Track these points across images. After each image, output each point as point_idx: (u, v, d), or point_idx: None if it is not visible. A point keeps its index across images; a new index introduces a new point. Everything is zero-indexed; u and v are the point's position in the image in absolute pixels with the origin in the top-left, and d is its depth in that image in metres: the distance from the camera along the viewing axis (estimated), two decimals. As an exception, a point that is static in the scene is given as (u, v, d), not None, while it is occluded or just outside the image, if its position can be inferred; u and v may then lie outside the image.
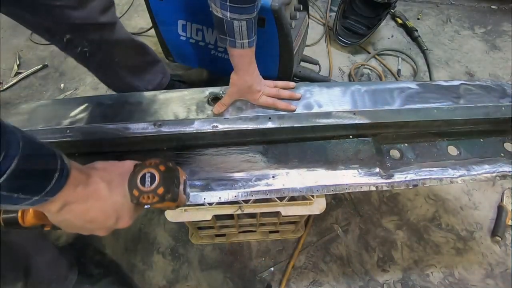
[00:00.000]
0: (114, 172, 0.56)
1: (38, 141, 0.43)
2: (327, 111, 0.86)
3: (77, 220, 0.52)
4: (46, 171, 0.43)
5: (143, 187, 0.54)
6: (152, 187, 0.54)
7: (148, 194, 0.54)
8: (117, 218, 0.55)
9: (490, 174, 0.83)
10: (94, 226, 0.54)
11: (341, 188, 0.79)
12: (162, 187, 0.54)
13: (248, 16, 0.74)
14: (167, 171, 0.56)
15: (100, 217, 0.53)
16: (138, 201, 0.54)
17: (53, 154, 0.45)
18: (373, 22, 1.67)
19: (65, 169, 0.45)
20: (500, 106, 0.88)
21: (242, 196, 0.78)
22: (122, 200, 0.54)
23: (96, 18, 0.97)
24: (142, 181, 0.54)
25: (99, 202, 0.52)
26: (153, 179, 0.54)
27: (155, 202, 0.54)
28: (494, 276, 1.17)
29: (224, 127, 0.83)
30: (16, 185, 0.39)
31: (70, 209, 0.49)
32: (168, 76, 1.38)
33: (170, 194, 0.55)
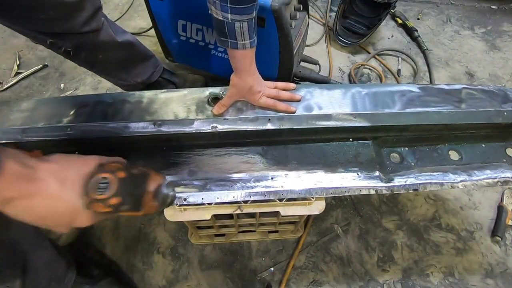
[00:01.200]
0: (71, 169, 0.52)
1: None
2: (327, 113, 0.86)
3: (25, 217, 0.49)
4: None
5: (94, 194, 0.49)
6: (104, 196, 0.49)
7: (99, 203, 0.49)
8: (72, 217, 0.51)
9: (492, 180, 0.82)
10: (47, 223, 0.51)
11: (341, 191, 0.79)
12: (116, 198, 0.50)
13: (248, 16, 0.74)
14: (129, 179, 0.51)
15: (50, 215, 0.50)
16: (89, 208, 0.50)
17: None
18: (373, 22, 1.67)
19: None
20: (502, 111, 0.88)
21: (240, 197, 0.78)
22: (76, 200, 0.50)
23: (78, 29, 1.01)
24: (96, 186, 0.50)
25: (47, 200, 0.49)
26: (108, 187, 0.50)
27: (109, 213, 0.50)
28: (494, 276, 1.17)
29: (223, 127, 0.83)
30: None
31: (14, 205, 0.47)
32: (160, 71, 1.39)
33: (126, 206, 0.50)
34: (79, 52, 1.10)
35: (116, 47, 1.15)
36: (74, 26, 0.99)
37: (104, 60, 1.17)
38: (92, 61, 1.17)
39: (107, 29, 1.10)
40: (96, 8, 1.02)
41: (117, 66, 1.24)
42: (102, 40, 1.09)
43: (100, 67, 1.21)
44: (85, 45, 1.08)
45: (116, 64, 1.23)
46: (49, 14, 0.92)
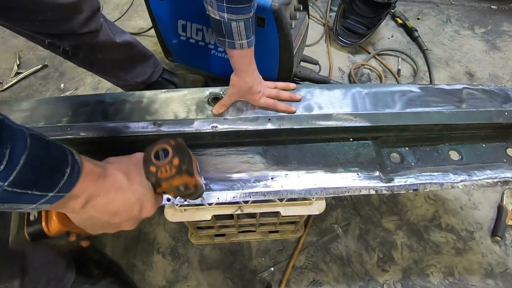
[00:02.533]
0: (128, 163, 0.56)
1: (46, 138, 0.43)
2: (327, 113, 0.85)
3: (102, 215, 0.52)
4: (57, 167, 0.43)
5: (158, 162, 0.55)
6: (167, 160, 0.55)
7: (165, 167, 0.55)
8: (140, 206, 0.55)
9: (492, 180, 0.82)
10: (120, 219, 0.54)
11: (340, 191, 0.79)
12: (176, 157, 0.55)
13: (245, 16, 0.74)
14: (178, 145, 0.57)
15: (124, 207, 0.53)
16: (156, 178, 0.55)
17: (63, 150, 0.45)
18: (373, 22, 1.67)
19: (76, 164, 0.45)
20: (503, 111, 0.88)
21: (240, 197, 0.79)
22: (141, 188, 0.55)
23: (77, 30, 1.01)
24: (156, 156, 0.55)
25: (120, 192, 0.52)
26: (166, 153, 0.56)
27: (173, 174, 0.55)
28: (494, 276, 1.17)
29: (223, 127, 0.83)
30: (28, 182, 0.39)
31: (94, 204, 0.50)
32: (160, 70, 1.39)
33: (185, 164, 0.55)
34: (78, 53, 1.11)
35: (115, 48, 1.15)
36: (72, 27, 0.99)
37: (103, 61, 1.17)
38: (91, 62, 1.17)
39: (106, 30, 1.10)
40: (94, 10, 1.02)
41: (117, 67, 1.24)
42: (101, 41, 1.09)
43: (99, 67, 1.21)
44: (83, 46, 1.08)
45: (115, 65, 1.23)
46: (47, 15, 0.92)
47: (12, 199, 0.39)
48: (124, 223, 0.56)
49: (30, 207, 0.42)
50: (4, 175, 0.36)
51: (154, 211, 0.58)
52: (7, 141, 0.36)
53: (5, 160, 0.36)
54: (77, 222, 0.54)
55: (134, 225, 0.57)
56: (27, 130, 0.40)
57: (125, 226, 0.57)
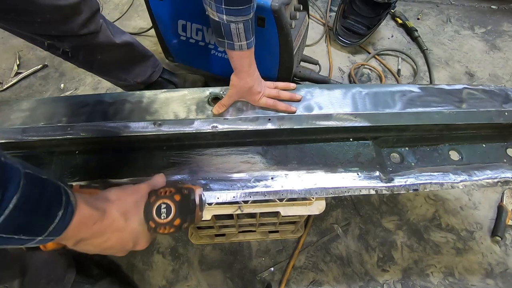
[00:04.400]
0: (129, 201, 0.56)
1: (42, 177, 0.41)
2: (328, 113, 0.85)
3: (94, 249, 0.53)
4: (49, 210, 0.41)
5: (159, 219, 0.54)
6: (169, 219, 0.54)
7: (165, 226, 0.55)
8: (134, 243, 0.57)
9: (492, 180, 0.82)
10: (112, 251, 0.56)
11: (340, 191, 0.79)
12: (178, 219, 0.55)
13: (244, 17, 0.74)
14: (183, 200, 0.56)
15: (118, 245, 0.54)
16: (155, 232, 0.56)
17: (57, 191, 0.43)
18: (373, 22, 1.67)
19: (69, 206, 0.44)
20: (503, 111, 0.88)
21: (240, 197, 0.79)
22: (138, 228, 0.55)
23: (76, 31, 1.01)
24: (158, 212, 0.55)
25: (116, 233, 0.53)
26: (169, 210, 0.55)
27: (172, 232, 0.56)
28: (494, 276, 1.17)
29: (223, 127, 0.83)
30: (16, 227, 0.38)
31: (87, 243, 0.50)
32: (160, 70, 1.39)
33: (187, 223, 0.56)
34: (78, 54, 1.11)
35: (114, 48, 1.15)
36: (71, 29, 0.98)
37: (103, 61, 1.17)
38: (91, 62, 1.17)
39: (105, 31, 1.09)
40: (94, 11, 1.02)
41: (116, 67, 1.24)
42: (101, 42, 1.09)
43: (99, 68, 1.21)
44: (83, 47, 1.08)
45: (115, 65, 1.23)
46: (46, 17, 0.92)
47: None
48: (116, 253, 0.57)
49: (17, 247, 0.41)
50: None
51: (148, 245, 0.60)
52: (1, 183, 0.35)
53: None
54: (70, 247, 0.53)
55: (124, 254, 0.59)
56: (23, 168, 0.38)
57: (117, 254, 0.58)
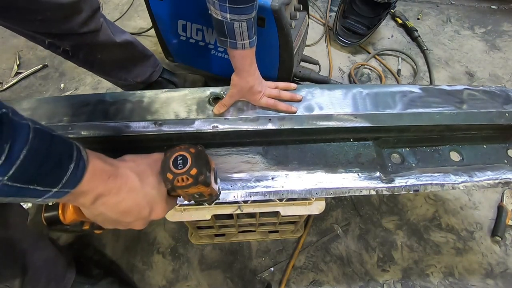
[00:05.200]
0: (143, 163, 0.56)
1: (52, 133, 0.43)
2: (328, 113, 0.85)
3: (111, 213, 0.52)
4: (60, 162, 0.42)
5: (176, 170, 0.54)
6: (185, 169, 0.54)
7: (182, 176, 0.54)
8: (151, 208, 0.55)
9: (493, 181, 0.82)
10: (129, 218, 0.54)
11: (341, 191, 0.79)
12: (195, 168, 0.54)
13: (247, 16, 0.74)
14: (198, 154, 0.57)
15: (134, 208, 0.53)
16: (172, 185, 0.55)
17: (68, 145, 0.44)
18: (373, 22, 1.67)
19: (81, 160, 0.45)
20: (504, 112, 0.88)
21: (241, 196, 0.78)
22: (153, 191, 0.55)
23: (77, 30, 1.01)
24: (174, 164, 0.55)
25: (131, 193, 0.52)
26: (185, 161, 0.55)
27: (189, 184, 0.54)
28: (494, 276, 1.17)
29: (224, 127, 0.83)
30: (29, 177, 0.39)
31: (103, 202, 0.50)
32: (160, 70, 1.39)
33: (202, 175, 0.55)
34: (78, 52, 1.11)
35: (115, 47, 1.15)
36: (72, 27, 0.99)
37: (103, 60, 1.17)
38: (91, 61, 1.17)
39: (105, 30, 1.10)
40: (94, 10, 1.02)
41: (117, 66, 1.24)
42: (101, 41, 1.09)
43: (99, 67, 1.21)
44: (83, 46, 1.08)
45: (115, 64, 1.23)
46: (47, 15, 0.92)
47: (13, 193, 0.39)
48: (134, 223, 0.56)
49: (36, 201, 0.42)
50: (3, 169, 0.36)
51: (165, 214, 0.58)
52: (8, 136, 0.36)
53: (3, 155, 0.36)
54: (88, 216, 0.54)
55: (143, 225, 0.57)
56: (33, 124, 0.40)
57: (135, 225, 0.57)
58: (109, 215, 0.52)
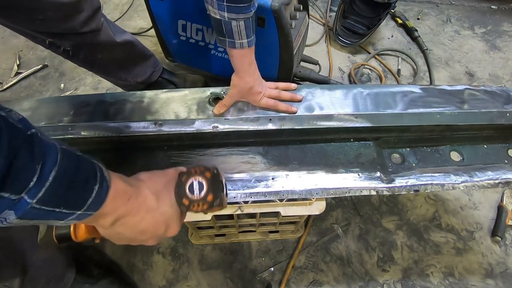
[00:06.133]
0: (159, 182, 0.56)
1: (77, 153, 0.42)
2: (329, 113, 0.85)
3: (129, 233, 0.52)
4: (86, 184, 0.42)
5: (192, 196, 0.55)
6: (202, 195, 0.55)
7: (198, 202, 0.55)
8: (167, 227, 0.56)
9: (493, 181, 0.82)
10: (145, 236, 0.55)
11: (341, 191, 0.79)
12: (211, 194, 0.55)
13: (245, 15, 0.74)
14: (213, 178, 0.57)
15: (151, 227, 0.53)
16: (188, 209, 0.55)
17: (92, 166, 0.44)
18: (373, 22, 1.67)
19: (104, 181, 0.45)
20: (505, 112, 0.88)
21: (241, 197, 0.78)
22: (170, 210, 0.55)
23: (78, 29, 1.01)
24: (190, 189, 0.55)
25: (149, 213, 0.52)
26: (201, 187, 0.55)
27: (205, 209, 0.55)
28: (494, 276, 1.17)
29: (224, 127, 0.83)
30: (56, 200, 0.39)
31: (123, 223, 0.50)
32: (160, 70, 1.39)
33: (218, 199, 0.55)
34: (78, 52, 1.11)
35: (115, 47, 1.15)
36: (73, 27, 0.99)
37: (104, 60, 1.17)
38: (92, 61, 1.17)
39: (106, 30, 1.10)
40: (95, 9, 1.02)
41: (117, 66, 1.24)
42: (102, 40, 1.09)
43: (100, 67, 1.21)
44: (84, 45, 1.08)
45: (115, 64, 1.23)
46: (48, 14, 0.92)
47: (40, 216, 0.38)
48: (149, 240, 0.56)
49: (59, 223, 0.42)
50: (34, 191, 0.35)
51: (179, 230, 0.59)
52: (39, 156, 0.36)
53: (35, 177, 0.35)
54: (104, 234, 0.54)
55: (157, 242, 0.58)
56: (59, 145, 0.39)
57: (149, 242, 0.57)
58: (125, 234, 0.53)
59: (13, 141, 0.33)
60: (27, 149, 0.35)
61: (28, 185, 0.35)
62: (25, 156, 0.34)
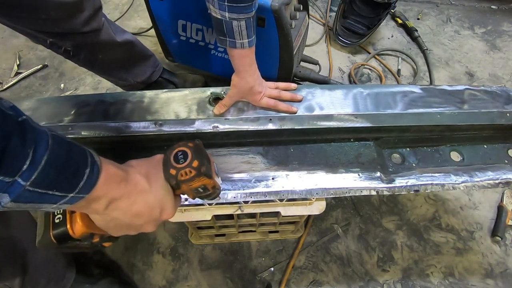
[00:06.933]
0: (148, 166, 0.57)
1: (67, 139, 0.44)
2: (329, 113, 0.85)
3: (124, 217, 0.53)
4: (76, 168, 0.43)
5: (178, 164, 0.56)
6: (187, 162, 0.56)
7: (184, 170, 0.55)
8: (161, 209, 0.56)
9: (494, 181, 0.82)
10: (141, 220, 0.55)
11: (341, 191, 0.79)
12: (196, 160, 0.56)
13: (246, 15, 0.74)
14: (196, 147, 0.58)
15: (145, 210, 0.54)
16: (176, 180, 0.56)
17: (82, 151, 0.45)
18: (373, 22, 1.67)
19: (95, 165, 0.46)
20: (505, 112, 0.88)
21: (241, 197, 0.78)
22: (162, 191, 0.56)
23: (79, 29, 1.01)
24: (175, 159, 0.56)
25: (141, 195, 0.53)
26: (185, 155, 0.56)
27: (193, 176, 0.55)
28: (494, 276, 1.17)
29: (224, 127, 0.83)
30: (49, 182, 0.40)
31: (116, 206, 0.50)
32: (160, 70, 1.39)
33: (204, 166, 0.56)
34: (79, 52, 1.11)
35: (116, 47, 1.15)
36: (74, 26, 0.99)
37: (104, 60, 1.17)
38: (92, 61, 1.17)
39: (107, 29, 1.10)
40: (96, 8, 1.02)
41: (117, 66, 1.24)
42: (102, 40, 1.09)
43: (100, 67, 1.21)
44: (85, 45, 1.08)
45: (116, 64, 1.23)
46: (50, 14, 0.92)
47: (33, 198, 0.39)
48: (146, 225, 0.57)
49: (52, 207, 0.43)
50: (27, 175, 0.37)
51: (174, 213, 0.59)
52: (31, 141, 0.37)
53: (28, 160, 0.36)
54: (100, 224, 0.55)
55: (155, 227, 0.58)
56: (49, 131, 0.41)
57: (146, 228, 0.57)
58: (121, 219, 0.53)
59: (5, 127, 0.35)
60: (19, 134, 0.36)
61: (22, 168, 0.36)
62: (17, 141, 0.35)
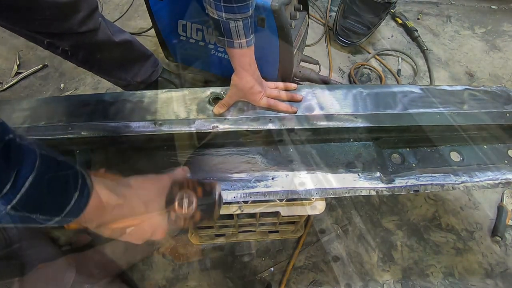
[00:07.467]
0: (151, 190, 0.56)
1: (58, 159, 0.41)
2: (328, 113, 0.85)
3: (113, 235, 0.53)
4: (64, 191, 0.41)
5: (180, 211, 0.55)
6: (190, 212, 0.55)
7: (185, 218, 0.55)
8: (152, 232, 0.56)
9: (493, 181, 0.82)
10: (130, 239, 0.56)
11: (341, 191, 0.79)
12: (199, 213, 0.55)
13: (243, 15, 0.74)
14: (205, 196, 0.57)
15: (136, 233, 0.55)
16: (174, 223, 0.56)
17: (73, 173, 0.43)
18: (373, 22, 1.67)
19: (86, 189, 0.44)
20: (505, 112, 0.88)
21: (241, 197, 0.79)
22: (157, 218, 0.56)
23: (75, 29, 1.01)
24: (179, 204, 0.55)
25: (135, 221, 0.53)
26: (190, 204, 0.55)
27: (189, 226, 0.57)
28: (494, 276, 1.17)
29: (224, 127, 0.83)
30: (33, 206, 0.38)
31: (107, 228, 0.51)
32: (160, 70, 1.39)
33: (206, 219, 0.57)
34: (77, 52, 1.11)
35: (114, 47, 1.15)
36: (71, 26, 0.99)
37: (103, 60, 1.17)
38: (90, 61, 1.17)
39: (104, 29, 1.10)
40: (92, 9, 1.02)
41: (116, 66, 1.24)
42: (100, 40, 1.09)
43: (99, 67, 1.21)
44: (82, 45, 1.08)
45: (114, 64, 1.23)
46: (46, 14, 0.92)
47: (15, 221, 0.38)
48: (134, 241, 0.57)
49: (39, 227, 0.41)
50: (7, 198, 0.35)
51: (165, 235, 0.59)
52: (16, 163, 0.35)
53: (9, 184, 0.35)
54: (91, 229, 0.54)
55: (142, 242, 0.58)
56: (39, 150, 0.39)
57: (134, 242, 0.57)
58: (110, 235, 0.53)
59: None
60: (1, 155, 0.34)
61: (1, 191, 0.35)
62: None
